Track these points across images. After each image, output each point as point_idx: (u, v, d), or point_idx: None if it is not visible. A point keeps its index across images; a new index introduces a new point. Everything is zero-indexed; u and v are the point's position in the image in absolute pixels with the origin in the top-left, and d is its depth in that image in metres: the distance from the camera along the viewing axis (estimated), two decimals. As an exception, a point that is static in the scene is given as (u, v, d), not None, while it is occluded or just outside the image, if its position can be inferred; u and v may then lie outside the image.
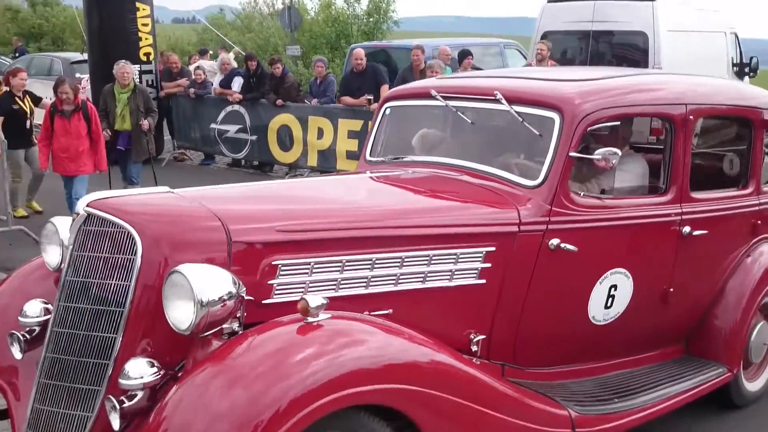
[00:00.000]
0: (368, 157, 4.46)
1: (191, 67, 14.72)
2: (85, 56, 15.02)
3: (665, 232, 4.02)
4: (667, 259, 4.06)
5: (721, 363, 4.28)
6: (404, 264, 3.35)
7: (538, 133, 3.72)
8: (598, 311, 3.84)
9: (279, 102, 11.89)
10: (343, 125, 11.18)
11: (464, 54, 11.94)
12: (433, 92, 4.11)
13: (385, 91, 11.25)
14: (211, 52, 17.68)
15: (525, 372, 3.75)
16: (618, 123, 4.06)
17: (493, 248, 3.54)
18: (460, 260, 3.49)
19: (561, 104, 3.69)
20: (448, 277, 3.47)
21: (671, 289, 4.09)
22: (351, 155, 11.01)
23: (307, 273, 3.13)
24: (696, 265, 4.19)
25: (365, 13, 23.43)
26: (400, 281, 3.36)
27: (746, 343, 4.41)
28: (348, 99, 11.22)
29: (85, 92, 12.93)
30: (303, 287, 3.12)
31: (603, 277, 3.80)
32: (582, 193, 3.78)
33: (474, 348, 3.53)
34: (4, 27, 31.04)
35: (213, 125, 13.16)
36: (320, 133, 11.48)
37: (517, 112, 3.76)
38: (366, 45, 15.69)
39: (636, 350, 4.21)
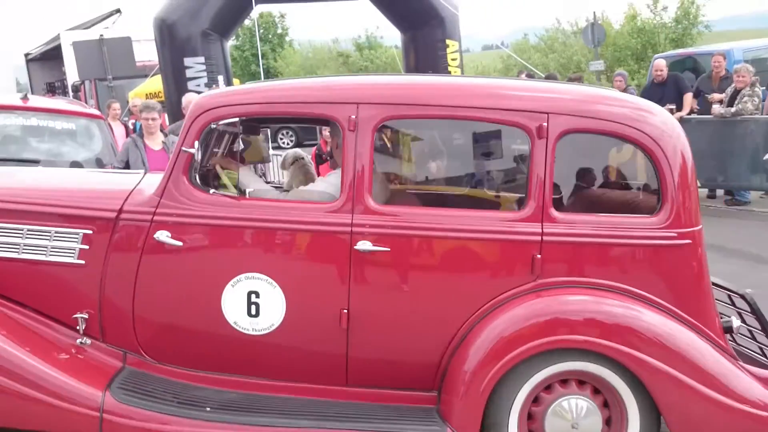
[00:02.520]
0: None
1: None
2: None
3: (327, 244, 3.51)
4: (334, 274, 3.50)
5: (448, 422, 3.37)
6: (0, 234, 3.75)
7: None
8: (240, 318, 3.55)
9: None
10: (643, 138, 11.00)
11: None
12: None
13: (688, 100, 10.92)
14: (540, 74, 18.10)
15: (155, 366, 3.67)
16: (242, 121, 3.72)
17: (90, 231, 3.65)
18: (55, 238, 3.68)
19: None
20: (44, 252, 3.70)
21: (345, 310, 3.48)
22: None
23: None
24: (394, 288, 3.49)
25: (673, 20, 22.03)
26: None
27: (492, 404, 3.38)
28: (647, 111, 11.06)
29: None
30: None
31: (235, 280, 3.52)
32: (212, 191, 3.62)
33: (79, 327, 3.62)
34: (337, 71, 34.69)
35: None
36: (618, 147, 11.36)
37: None
38: (671, 54, 15.04)
39: (324, 378, 3.61)
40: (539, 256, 3.43)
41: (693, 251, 3.50)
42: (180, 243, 3.55)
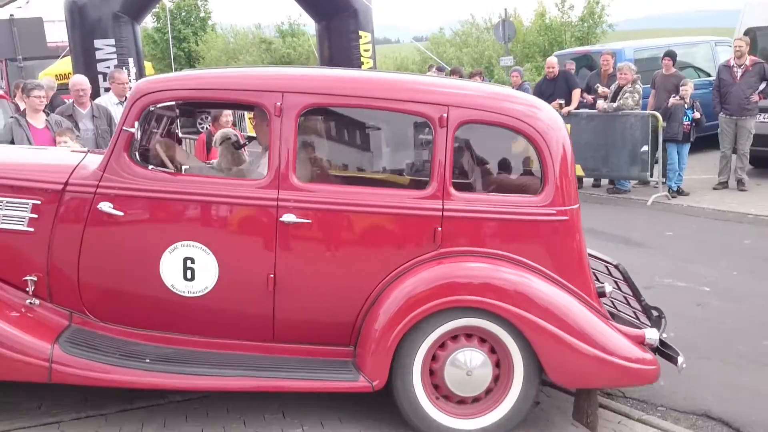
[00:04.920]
0: None
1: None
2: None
3: (255, 216, 3.92)
4: (261, 243, 3.90)
5: (362, 371, 3.83)
6: None
7: None
8: (177, 282, 3.91)
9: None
10: (535, 130, 11.65)
11: (665, 55, 11.99)
12: None
13: (576, 95, 11.59)
14: (448, 68, 18.63)
15: (99, 325, 4.00)
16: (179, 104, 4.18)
17: (39, 202, 3.95)
18: (6, 207, 3.98)
19: None
20: None
21: (271, 275, 3.89)
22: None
23: None
24: (314, 255, 3.92)
25: (579, 19, 23.18)
26: None
27: (399, 355, 3.81)
28: (540, 105, 11.71)
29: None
30: None
31: (172, 247, 3.88)
32: (150, 167, 4.00)
33: (29, 288, 3.93)
34: (260, 57, 34.60)
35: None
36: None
37: None
38: (569, 52, 15.91)
39: (254, 335, 4.00)
40: (440, 228, 3.91)
41: (570, 226, 4.04)
42: (121, 213, 3.90)
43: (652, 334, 4.05)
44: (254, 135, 5.49)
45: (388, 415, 4.08)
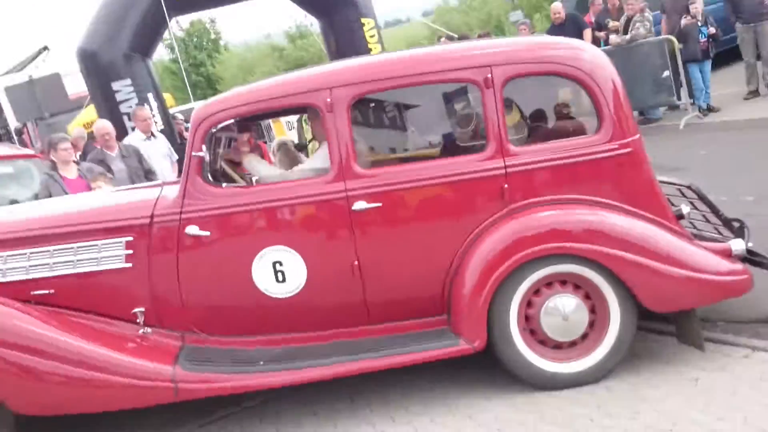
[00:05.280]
0: None
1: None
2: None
3: (328, 210, 4.06)
4: (339, 234, 4.05)
5: (460, 335, 3.94)
6: (54, 255, 4.20)
7: None
8: (271, 285, 4.08)
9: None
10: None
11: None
12: None
13: (588, 36, 11.29)
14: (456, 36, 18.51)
15: (209, 339, 4.19)
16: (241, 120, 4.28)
17: (131, 238, 4.15)
18: (103, 249, 4.18)
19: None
20: (95, 263, 4.18)
21: (355, 263, 4.05)
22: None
23: None
24: (391, 236, 4.06)
25: (580, -43, 23.28)
26: (54, 268, 4.19)
27: (493, 313, 3.92)
28: (551, 52, 11.61)
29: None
30: None
31: (260, 254, 4.05)
32: (224, 184, 4.19)
33: (139, 320, 4.13)
34: (274, 65, 34.83)
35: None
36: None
37: None
38: (571, -6, 15.88)
39: (350, 321, 4.15)
40: (506, 185, 3.99)
41: (634, 157, 4.06)
42: (208, 233, 4.09)
43: (738, 245, 4.09)
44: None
45: (466, 393, 4.18)
